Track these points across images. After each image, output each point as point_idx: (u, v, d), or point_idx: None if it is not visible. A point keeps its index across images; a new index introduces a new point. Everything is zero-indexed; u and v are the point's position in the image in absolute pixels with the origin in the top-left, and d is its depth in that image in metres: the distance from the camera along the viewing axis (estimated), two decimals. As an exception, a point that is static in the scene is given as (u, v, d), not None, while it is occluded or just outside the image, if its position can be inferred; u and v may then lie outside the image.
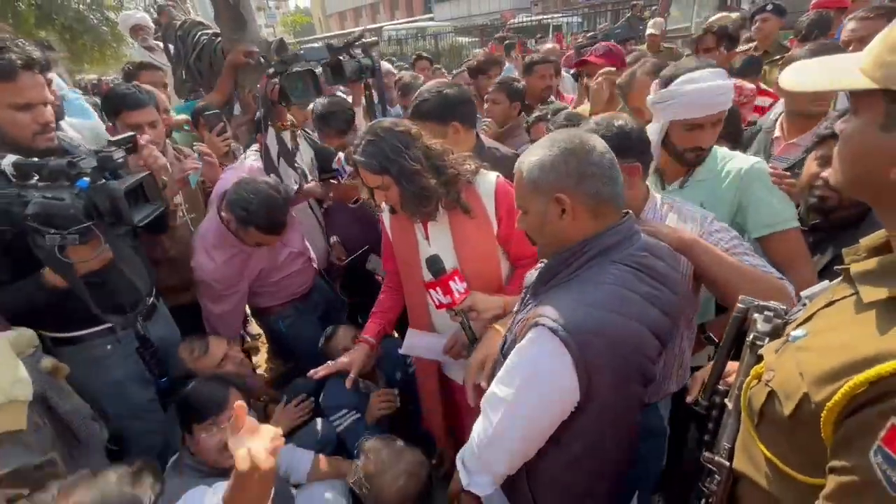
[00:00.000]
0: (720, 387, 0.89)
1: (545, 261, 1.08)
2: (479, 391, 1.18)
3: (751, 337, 0.79)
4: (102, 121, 2.34)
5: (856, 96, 0.61)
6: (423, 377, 1.76)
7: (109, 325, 1.54)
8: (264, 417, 1.92)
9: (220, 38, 2.68)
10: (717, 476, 0.80)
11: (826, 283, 0.77)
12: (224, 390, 1.48)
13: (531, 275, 1.14)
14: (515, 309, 1.16)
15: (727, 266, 1.13)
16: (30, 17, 13.21)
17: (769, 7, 3.27)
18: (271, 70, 1.95)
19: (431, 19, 23.47)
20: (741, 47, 3.35)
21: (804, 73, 0.69)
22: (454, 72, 5.09)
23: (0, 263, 1.31)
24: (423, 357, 1.67)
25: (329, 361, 1.67)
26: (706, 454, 0.83)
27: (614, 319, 0.90)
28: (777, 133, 1.82)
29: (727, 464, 0.79)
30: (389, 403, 1.86)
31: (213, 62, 2.73)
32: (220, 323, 1.94)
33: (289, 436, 1.88)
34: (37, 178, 1.24)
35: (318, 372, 1.62)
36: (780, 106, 1.95)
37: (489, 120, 2.62)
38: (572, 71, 3.63)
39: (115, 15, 13.91)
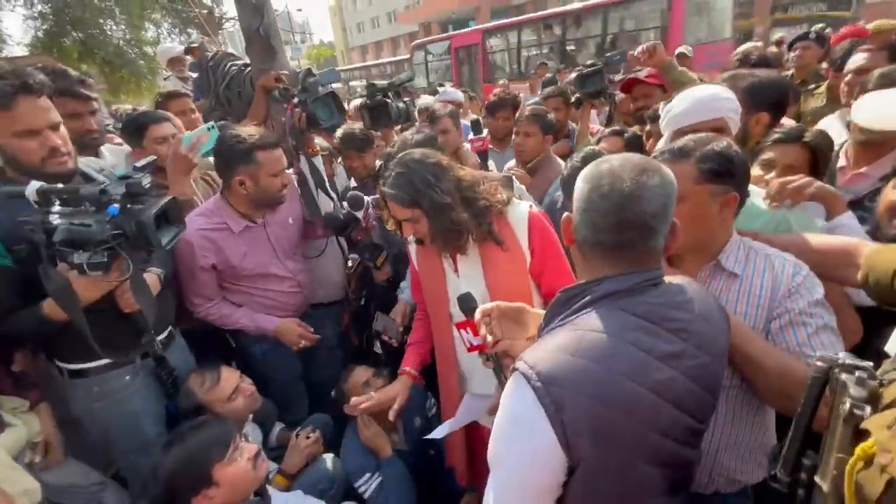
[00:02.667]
0: (805, 461, 0.76)
1: None
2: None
3: (847, 404, 0.67)
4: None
5: None
6: (447, 417, 1.65)
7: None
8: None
9: (249, 69, 2.74)
10: (814, 572, 0.67)
11: None
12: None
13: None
14: None
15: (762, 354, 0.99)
16: (73, 52, 14.15)
17: (812, 36, 3.19)
18: (295, 99, 1.97)
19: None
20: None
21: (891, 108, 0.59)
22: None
23: (14, 291, 1.29)
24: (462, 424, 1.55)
25: (353, 398, 1.58)
26: (802, 546, 0.70)
27: (598, 372, 0.75)
28: (842, 162, 1.68)
29: (831, 559, 0.66)
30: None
31: (242, 92, 2.79)
32: (193, 291, 1.83)
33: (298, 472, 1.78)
34: (58, 203, 1.22)
35: (361, 404, 1.54)
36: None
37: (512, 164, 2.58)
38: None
39: (152, 50, 14.81)
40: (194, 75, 3.81)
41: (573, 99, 3.13)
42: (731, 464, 1.12)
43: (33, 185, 1.20)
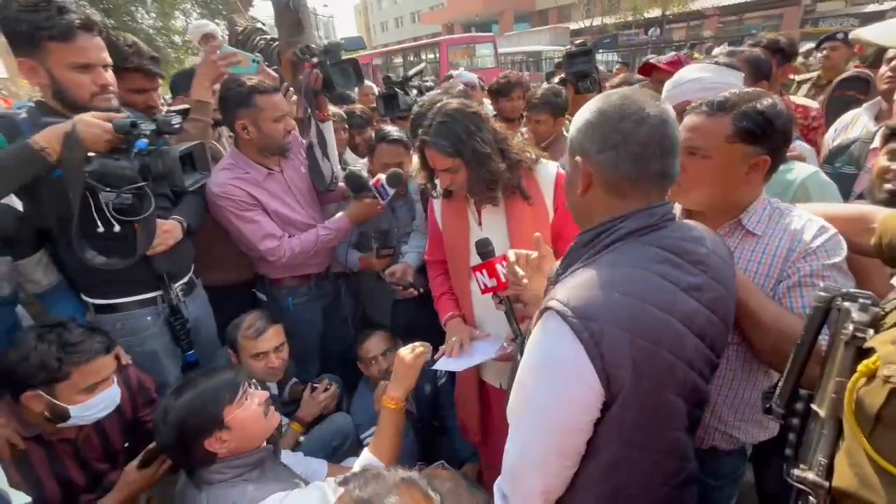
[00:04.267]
0: (801, 391, 0.78)
1: None
2: None
3: (850, 329, 0.68)
4: None
5: None
6: (462, 382, 1.70)
7: (151, 294, 1.55)
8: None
9: (277, 43, 2.80)
10: (811, 498, 0.68)
11: None
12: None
13: (555, 265, 1.01)
14: None
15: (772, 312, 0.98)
16: (105, 38, 14.50)
17: (839, 36, 3.18)
18: (314, 59, 1.95)
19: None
20: (805, 75, 3.24)
21: None
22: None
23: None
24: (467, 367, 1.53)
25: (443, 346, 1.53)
26: (795, 472, 0.70)
27: (632, 305, 0.75)
28: (876, 143, 1.68)
29: (825, 484, 0.66)
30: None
31: (269, 65, 2.85)
32: (251, 236, 1.78)
33: (311, 425, 1.84)
34: None
35: (448, 350, 1.49)
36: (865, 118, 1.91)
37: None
38: None
39: (180, 39, 15.14)
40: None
41: (557, 79, 3.09)
42: (729, 418, 1.13)
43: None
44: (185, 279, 1.67)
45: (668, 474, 0.87)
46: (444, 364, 1.47)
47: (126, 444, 1.50)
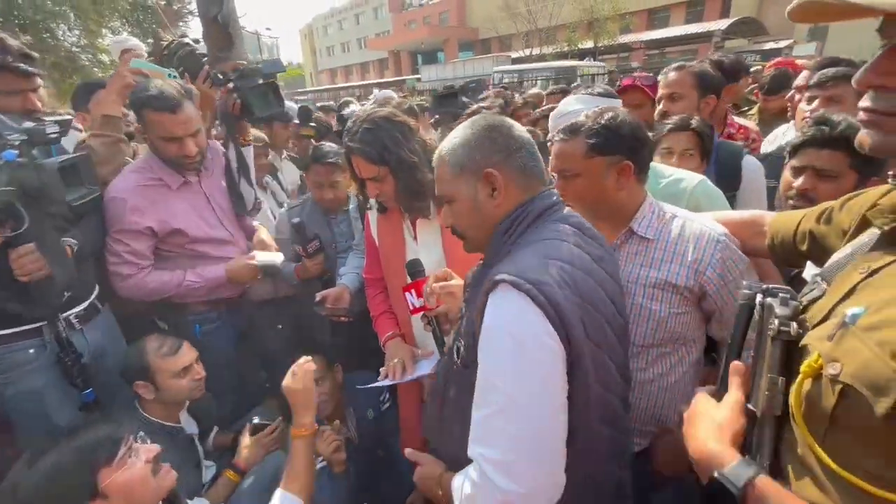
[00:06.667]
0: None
1: None
2: None
3: (775, 324, 0.68)
4: None
5: None
6: (405, 406, 1.63)
7: (34, 325, 1.35)
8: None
9: (205, 58, 2.66)
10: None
11: (842, 255, 0.71)
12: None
13: (471, 273, 1.01)
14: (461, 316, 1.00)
15: None
16: (20, 54, 13.38)
17: None
18: (231, 85, 1.84)
19: (419, 80, 24.86)
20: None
21: None
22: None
23: None
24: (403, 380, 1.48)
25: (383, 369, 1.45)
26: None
27: (570, 271, 0.81)
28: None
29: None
30: (336, 443, 1.59)
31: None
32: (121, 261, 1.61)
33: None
34: None
35: (392, 373, 1.41)
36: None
37: None
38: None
39: (108, 57, 14.28)
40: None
41: (431, 120, 3.16)
42: (650, 424, 1.16)
43: None
44: (83, 306, 1.48)
45: (615, 450, 0.90)
46: (380, 381, 1.41)
47: None
